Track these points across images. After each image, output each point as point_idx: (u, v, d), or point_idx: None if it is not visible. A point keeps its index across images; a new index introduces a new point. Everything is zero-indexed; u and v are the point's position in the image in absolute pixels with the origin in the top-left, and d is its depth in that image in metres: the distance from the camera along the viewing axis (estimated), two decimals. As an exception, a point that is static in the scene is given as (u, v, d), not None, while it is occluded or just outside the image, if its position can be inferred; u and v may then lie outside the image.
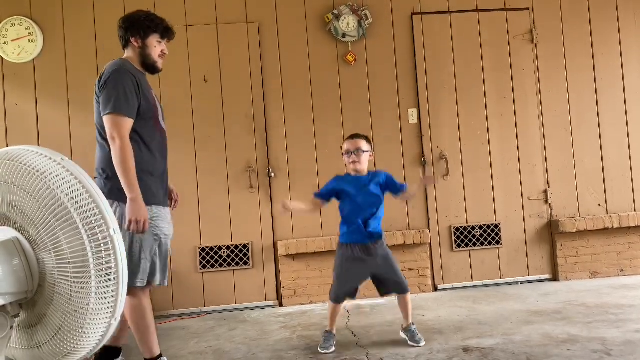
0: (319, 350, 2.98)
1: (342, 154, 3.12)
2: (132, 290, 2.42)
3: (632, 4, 4.77)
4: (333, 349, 2.99)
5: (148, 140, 2.57)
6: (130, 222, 2.39)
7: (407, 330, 3.06)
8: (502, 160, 4.62)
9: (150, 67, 2.68)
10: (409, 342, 2.99)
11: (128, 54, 2.68)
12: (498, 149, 4.62)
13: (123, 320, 2.61)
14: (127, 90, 2.47)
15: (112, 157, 2.44)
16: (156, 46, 2.66)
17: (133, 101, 2.49)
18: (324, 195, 3.09)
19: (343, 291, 3.04)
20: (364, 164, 3.07)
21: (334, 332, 3.09)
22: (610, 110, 4.71)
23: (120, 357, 2.78)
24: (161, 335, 3.73)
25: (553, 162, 4.65)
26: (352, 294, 3.06)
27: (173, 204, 2.90)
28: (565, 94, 4.69)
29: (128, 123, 2.47)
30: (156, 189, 2.59)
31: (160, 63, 2.70)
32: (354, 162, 3.05)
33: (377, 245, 3.04)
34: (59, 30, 4.41)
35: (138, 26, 2.62)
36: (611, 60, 4.74)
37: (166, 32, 2.68)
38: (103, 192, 2.16)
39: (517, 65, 4.66)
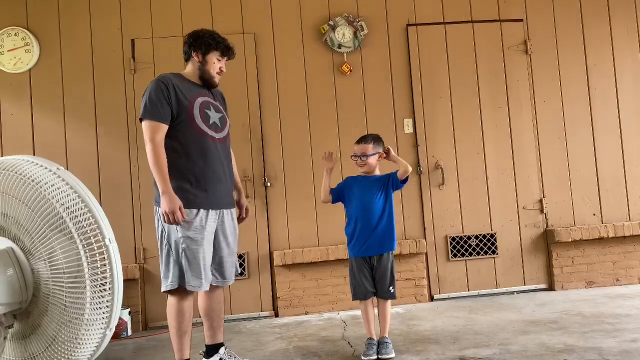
0: (362, 357, 2.96)
1: (351, 155, 3.18)
2: (169, 291, 2.62)
3: (624, 15, 4.82)
4: (375, 356, 2.96)
5: (181, 142, 2.67)
6: (164, 214, 2.51)
7: (379, 342, 3.05)
8: (498, 169, 4.63)
9: (207, 81, 2.83)
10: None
11: (187, 67, 2.85)
12: (493, 159, 4.63)
13: (209, 317, 2.83)
14: (153, 97, 2.61)
15: (148, 159, 2.57)
16: (215, 62, 2.82)
17: (164, 107, 2.61)
18: (333, 193, 3.19)
19: (360, 289, 3.08)
20: (372, 166, 3.15)
21: (374, 337, 3.07)
22: (604, 120, 4.74)
23: (222, 350, 2.89)
24: (156, 346, 3.72)
25: (548, 171, 4.67)
26: (369, 292, 3.08)
27: (240, 218, 3.03)
28: (560, 104, 4.72)
29: (159, 127, 2.60)
30: (191, 193, 2.64)
31: (217, 79, 2.85)
32: (361, 166, 3.14)
33: (381, 257, 3.09)
34: (55, 40, 4.41)
35: (200, 42, 2.81)
36: (604, 70, 4.78)
37: (227, 51, 2.85)
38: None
39: (512, 76, 4.69)
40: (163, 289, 2.65)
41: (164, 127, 2.62)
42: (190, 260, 2.61)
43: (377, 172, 3.18)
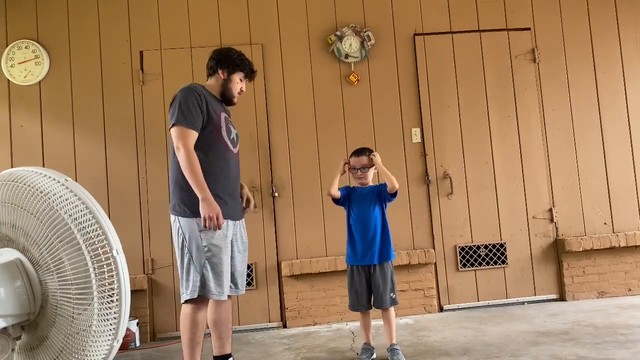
0: None
1: (349, 168, 3.25)
2: (186, 301, 2.62)
3: (633, 22, 4.80)
4: None
5: (207, 155, 2.70)
6: (204, 219, 2.54)
7: (388, 349, 3.10)
8: (507, 179, 4.60)
9: (228, 99, 2.90)
10: None
11: (210, 81, 2.91)
12: (502, 168, 4.61)
13: (217, 328, 2.82)
14: (189, 105, 2.65)
15: (180, 165, 2.60)
16: (238, 83, 2.89)
17: (197, 115, 2.65)
18: (342, 192, 3.23)
19: (355, 301, 3.15)
20: (369, 178, 3.23)
21: (370, 343, 3.17)
22: (613, 128, 4.71)
23: None
24: (165, 357, 3.71)
25: (557, 180, 4.63)
26: (365, 304, 3.14)
27: (245, 208, 3.00)
28: (568, 113, 4.70)
29: (191, 134, 2.63)
30: (216, 201, 2.64)
31: (237, 98, 2.93)
32: (359, 178, 3.21)
33: (381, 266, 3.12)
34: (65, 53, 4.46)
35: (229, 61, 2.85)
36: (613, 78, 4.75)
37: (250, 73, 2.93)
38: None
39: (520, 85, 4.67)
40: (184, 298, 2.64)
41: (195, 135, 2.65)
42: (214, 268, 2.62)
43: (370, 183, 3.25)
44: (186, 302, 2.64)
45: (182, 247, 2.65)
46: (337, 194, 3.19)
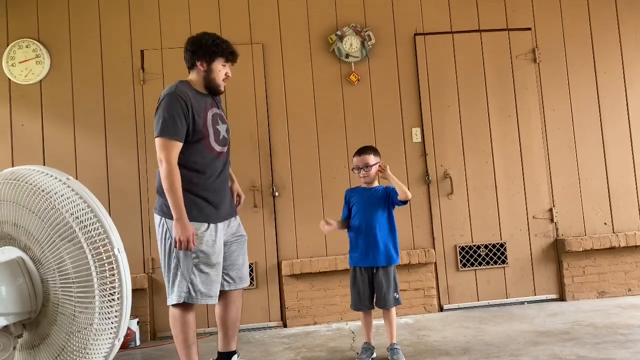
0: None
1: (352, 168, 3.26)
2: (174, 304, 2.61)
3: (634, 22, 4.80)
4: None
5: (195, 160, 2.65)
6: (176, 241, 2.50)
7: (388, 348, 3.11)
8: (507, 179, 4.61)
9: (214, 90, 2.78)
10: None
11: (192, 75, 2.79)
12: (502, 168, 4.61)
13: (225, 325, 2.83)
14: (174, 114, 2.55)
15: (161, 178, 2.56)
16: (220, 70, 2.75)
17: (181, 124, 2.57)
18: (344, 214, 3.23)
19: (357, 301, 3.15)
20: (373, 177, 3.21)
21: (370, 343, 3.17)
22: (614, 128, 4.71)
23: (234, 358, 2.89)
24: (165, 356, 3.71)
25: (558, 180, 4.64)
26: (367, 304, 3.14)
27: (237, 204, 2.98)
28: (569, 113, 4.70)
29: (175, 146, 2.56)
30: (203, 207, 2.64)
31: (223, 86, 2.80)
32: (363, 177, 3.19)
33: (384, 268, 3.12)
34: (66, 52, 4.46)
35: (205, 50, 2.70)
36: (613, 78, 4.75)
37: (231, 56, 2.76)
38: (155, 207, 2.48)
39: (520, 85, 4.67)
40: (173, 301, 2.62)
41: (179, 146, 2.59)
42: (203, 274, 2.60)
43: (376, 183, 3.24)
44: (174, 305, 2.62)
45: (170, 252, 2.60)
46: (345, 225, 3.21)
